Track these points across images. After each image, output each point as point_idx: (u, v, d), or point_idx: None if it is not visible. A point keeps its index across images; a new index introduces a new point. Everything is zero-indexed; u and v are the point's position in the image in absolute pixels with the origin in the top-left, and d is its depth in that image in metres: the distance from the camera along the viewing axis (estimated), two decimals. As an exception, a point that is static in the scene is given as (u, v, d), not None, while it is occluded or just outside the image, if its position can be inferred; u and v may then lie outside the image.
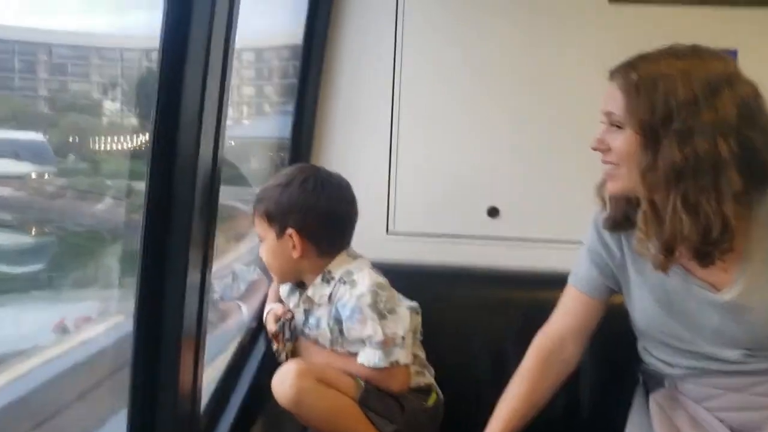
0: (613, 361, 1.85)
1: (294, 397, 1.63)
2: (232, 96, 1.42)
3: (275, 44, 2.60)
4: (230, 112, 1.44)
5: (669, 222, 1.32)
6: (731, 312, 1.40)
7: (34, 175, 1.71)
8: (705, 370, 1.46)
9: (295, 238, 1.73)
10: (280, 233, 1.74)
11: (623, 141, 1.36)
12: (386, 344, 1.70)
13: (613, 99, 1.37)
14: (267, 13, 2.26)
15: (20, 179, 1.66)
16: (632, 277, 1.52)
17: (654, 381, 1.56)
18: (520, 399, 1.56)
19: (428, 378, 1.86)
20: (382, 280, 1.77)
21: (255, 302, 2.06)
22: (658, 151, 1.32)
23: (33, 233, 1.72)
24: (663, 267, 1.38)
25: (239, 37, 1.27)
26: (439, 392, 1.87)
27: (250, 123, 2.92)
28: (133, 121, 1.83)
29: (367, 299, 1.70)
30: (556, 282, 1.71)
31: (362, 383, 1.71)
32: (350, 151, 2.25)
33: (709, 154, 1.28)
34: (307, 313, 1.81)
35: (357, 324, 1.71)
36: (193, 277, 1.20)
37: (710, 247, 1.32)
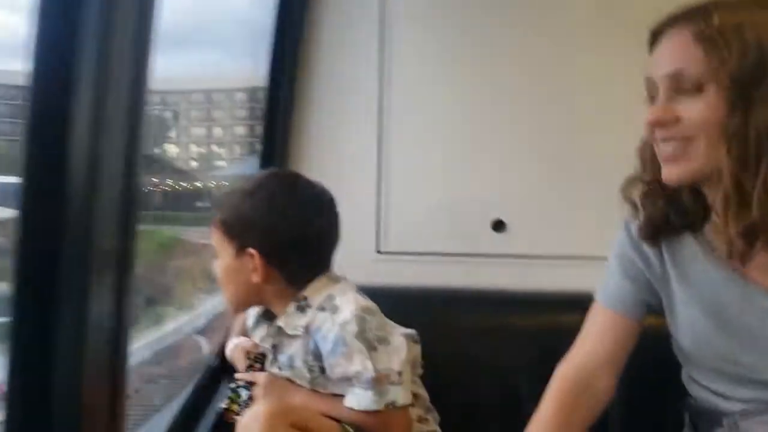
0: (651, 395, 1.57)
1: None
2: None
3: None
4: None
5: (758, 203, 1.05)
6: None
7: None
8: None
9: (257, 260, 1.42)
10: (239, 251, 1.44)
11: (705, 105, 1.08)
12: (379, 382, 1.37)
13: (683, 53, 1.09)
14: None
15: None
16: (676, 291, 1.23)
17: (706, 419, 1.26)
18: None
19: (432, 425, 1.55)
20: (369, 304, 1.45)
21: (218, 337, 1.76)
22: (749, 113, 1.04)
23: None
24: (742, 256, 1.10)
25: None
26: None
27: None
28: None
29: (353, 327, 1.38)
30: (576, 303, 1.42)
31: (350, 430, 1.38)
32: (332, 162, 1.96)
33: None
34: (276, 348, 1.50)
35: (341, 359, 1.39)
36: (100, 309, 0.88)
37: None
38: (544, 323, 1.78)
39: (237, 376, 1.51)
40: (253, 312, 1.58)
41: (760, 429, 1.17)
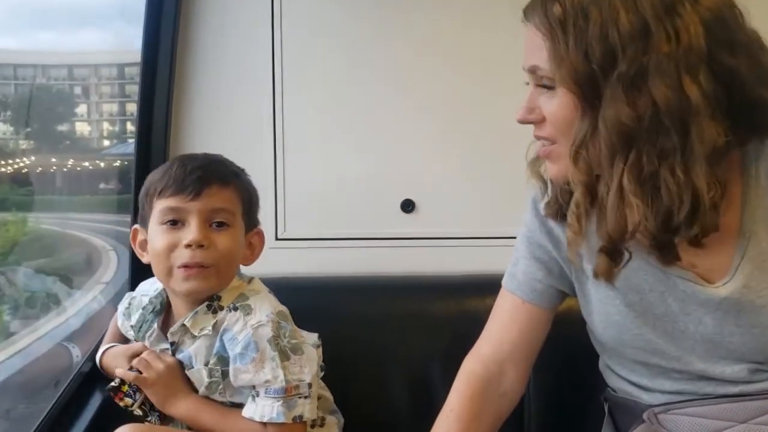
0: (570, 386, 1.47)
1: None
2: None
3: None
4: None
5: (612, 209, 0.94)
6: (731, 313, 1.00)
7: None
8: (696, 395, 1.06)
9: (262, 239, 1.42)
10: (249, 229, 1.40)
11: (558, 105, 0.98)
12: (288, 394, 1.26)
13: (534, 47, 0.98)
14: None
15: None
16: (589, 274, 1.11)
17: (626, 413, 1.16)
18: None
19: (330, 429, 1.42)
20: (284, 309, 1.34)
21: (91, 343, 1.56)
22: (598, 111, 0.93)
23: None
24: (606, 274, 1.01)
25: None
26: None
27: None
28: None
29: (267, 332, 1.27)
30: (490, 287, 1.31)
31: None
32: (221, 144, 1.73)
33: (673, 102, 0.89)
34: (174, 347, 1.35)
35: (251, 365, 1.26)
36: None
37: (673, 236, 0.94)
38: (456, 309, 1.66)
39: (134, 363, 1.35)
40: (139, 311, 1.42)
41: (682, 421, 1.07)
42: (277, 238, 1.79)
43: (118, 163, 2.63)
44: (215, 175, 1.31)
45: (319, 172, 1.82)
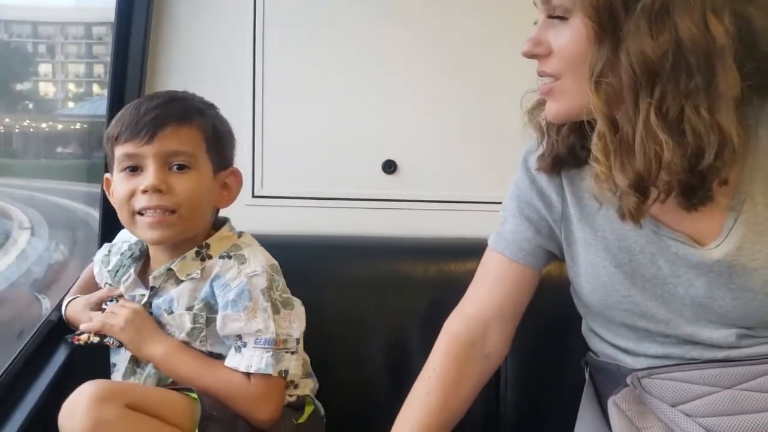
0: (550, 351, 1.46)
1: None
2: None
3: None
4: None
5: (640, 145, 0.90)
6: (723, 276, 0.98)
7: None
8: (683, 359, 1.05)
9: (238, 180, 1.38)
10: (219, 169, 1.35)
11: (570, 36, 0.94)
12: (277, 346, 1.24)
13: None
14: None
15: None
16: (579, 233, 1.09)
17: (608, 377, 1.14)
18: (430, 410, 1.11)
19: (303, 390, 1.39)
20: (275, 262, 1.33)
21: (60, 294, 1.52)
22: (619, 43, 0.90)
23: None
24: (636, 214, 0.96)
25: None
26: (317, 403, 1.41)
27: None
28: None
29: (262, 282, 1.26)
30: (471, 251, 1.29)
31: (198, 400, 1.20)
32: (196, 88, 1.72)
33: (698, 39, 0.86)
34: (153, 291, 1.32)
35: (243, 313, 1.24)
36: None
37: (703, 179, 0.91)
38: (436, 272, 1.64)
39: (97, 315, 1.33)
40: (116, 257, 1.40)
41: (667, 386, 1.05)
42: (253, 195, 1.75)
43: (78, 126, 2.53)
44: (172, 116, 1.27)
45: (299, 129, 1.78)
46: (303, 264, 1.58)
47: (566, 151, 1.06)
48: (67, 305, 1.40)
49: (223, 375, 1.25)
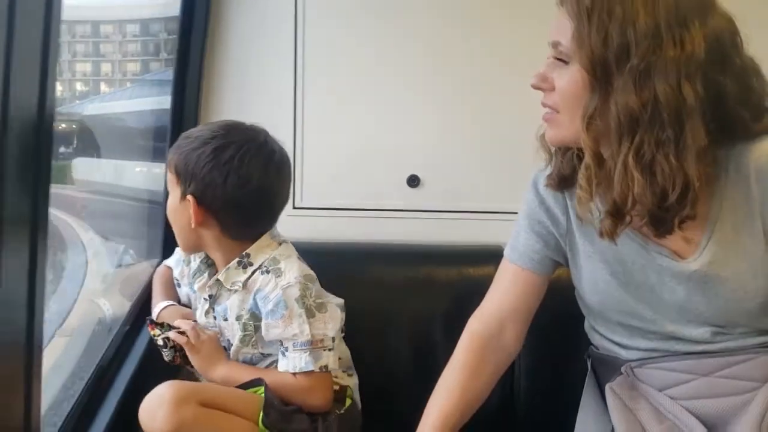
0: (558, 345, 1.64)
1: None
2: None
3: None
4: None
5: (618, 180, 1.10)
6: (699, 284, 1.18)
7: None
8: (667, 352, 1.25)
9: (193, 208, 1.43)
10: (182, 195, 1.45)
11: (570, 79, 1.13)
12: (314, 346, 1.44)
13: (560, 26, 1.13)
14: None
15: None
16: (581, 247, 1.29)
17: (606, 367, 1.34)
18: (455, 395, 1.31)
19: (345, 378, 1.59)
20: (310, 272, 1.51)
21: (125, 296, 1.73)
22: (609, 93, 1.09)
23: None
24: (610, 234, 1.16)
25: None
26: (356, 398, 1.61)
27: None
28: None
29: (295, 292, 1.44)
30: (488, 257, 1.50)
31: (263, 396, 1.40)
32: (246, 115, 1.89)
33: (671, 99, 1.06)
34: (212, 299, 1.52)
35: (280, 321, 1.44)
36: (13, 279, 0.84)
37: (667, 213, 1.11)
38: (459, 276, 1.82)
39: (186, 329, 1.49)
40: (185, 265, 1.60)
41: (654, 374, 1.25)
42: (294, 207, 1.95)
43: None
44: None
45: (333, 149, 1.98)
46: (337, 268, 1.77)
47: (570, 172, 1.25)
48: (162, 309, 1.58)
49: (276, 378, 1.45)
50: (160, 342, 1.48)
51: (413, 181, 1.98)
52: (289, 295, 1.44)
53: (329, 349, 1.46)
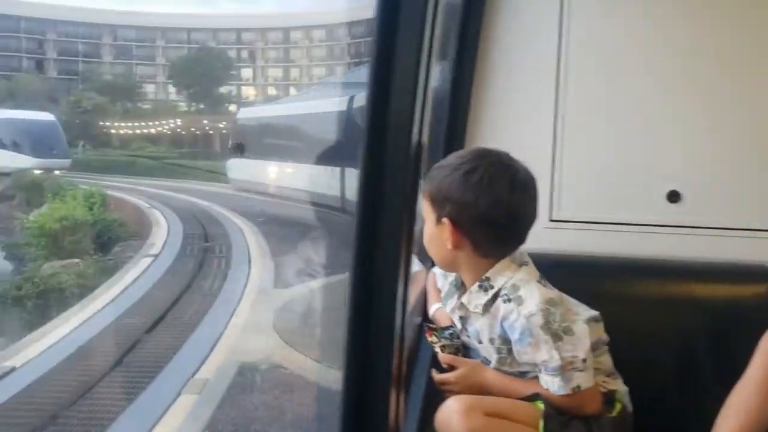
0: None
1: None
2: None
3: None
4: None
5: None
6: None
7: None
8: None
9: (449, 229, 1.54)
10: (438, 220, 1.56)
11: None
12: (564, 369, 1.50)
13: None
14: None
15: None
16: None
17: None
18: (752, 416, 1.30)
19: (611, 383, 1.63)
20: (553, 294, 1.55)
21: (413, 297, 1.89)
22: None
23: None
24: None
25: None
26: (626, 402, 1.63)
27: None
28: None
29: (538, 320, 1.50)
30: (755, 277, 1.41)
31: (542, 407, 1.50)
32: (507, 127, 2.01)
33: None
34: (463, 320, 1.64)
35: (528, 348, 1.52)
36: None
37: None
38: (721, 294, 1.78)
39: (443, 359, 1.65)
40: (447, 282, 1.71)
41: None
42: (550, 219, 1.99)
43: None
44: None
45: (592, 163, 2.00)
46: (594, 281, 1.80)
47: None
48: (435, 310, 1.75)
49: (545, 393, 1.52)
50: (437, 349, 1.63)
51: (674, 197, 1.94)
52: (533, 323, 1.50)
53: (580, 370, 1.50)
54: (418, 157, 1.06)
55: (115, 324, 9.71)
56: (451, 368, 1.62)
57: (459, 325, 1.64)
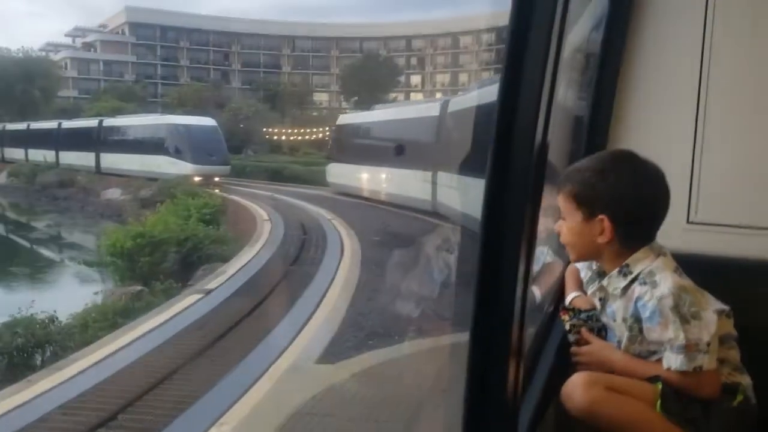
0: None
1: (586, 408, 1.60)
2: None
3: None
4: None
5: None
6: None
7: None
8: None
9: (606, 224, 1.68)
10: (590, 217, 1.70)
11: None
12: (689, 349, 1.61)
13: None
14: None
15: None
16: None
17: None
18: None
19: (737, 377, 1.70)
20: (686, 282, 1.68)
21: (546, 286, 2.02)
22: None
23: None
24: None
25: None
26: (750, 395, 1.69)
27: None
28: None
29: (669, 301, 1.63)
30: None
31: (660, 387, 1.61)
32: (648, 129, 2.06)
33: None
34: (602, 302, 1.79)
35: (657, 326, 1.65)
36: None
37: None
38: None
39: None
40: (588, 270, 1.86)
41: None
42: (688, 222, 2.03)
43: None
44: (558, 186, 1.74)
45: (731, 166, 2.01)
46: (727, 282, 1.78)
47: None
48: (573, 297, 1.88)
49: (661, 371, 1.64)
50: (567, 327, 1.79)
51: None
52: (664, 304, 1.63)
53: (704, 352, 1.60)
54: (542, 155, 1.18)
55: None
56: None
57: (599, 306, 1.79)
